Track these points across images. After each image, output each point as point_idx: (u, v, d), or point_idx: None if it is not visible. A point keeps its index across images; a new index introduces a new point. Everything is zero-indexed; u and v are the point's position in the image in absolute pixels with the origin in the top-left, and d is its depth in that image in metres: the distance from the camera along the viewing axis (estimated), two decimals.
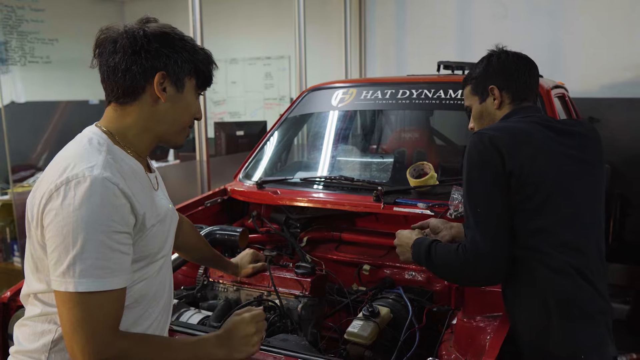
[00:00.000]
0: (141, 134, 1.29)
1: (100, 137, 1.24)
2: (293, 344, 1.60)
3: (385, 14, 5.52)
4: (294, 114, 2.91)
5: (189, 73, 1.29)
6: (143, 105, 1.26)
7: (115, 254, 1.13)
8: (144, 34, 1.23)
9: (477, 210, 1.51)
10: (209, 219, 2.47)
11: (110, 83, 1.25)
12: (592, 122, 4.25)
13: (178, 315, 1.84)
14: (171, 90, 1.27)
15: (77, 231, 1.09)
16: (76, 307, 1.09)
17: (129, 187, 1.18)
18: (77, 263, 1.09)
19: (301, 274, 1.92)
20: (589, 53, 4.51)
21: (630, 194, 4.17)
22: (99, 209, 1.11)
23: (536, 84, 1.76)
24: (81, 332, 1.09)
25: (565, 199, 1.53)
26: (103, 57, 1.24)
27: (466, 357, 1.60)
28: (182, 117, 1.32)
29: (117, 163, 1.20)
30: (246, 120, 6.61)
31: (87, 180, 1.11)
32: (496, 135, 1.54)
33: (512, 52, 1.77)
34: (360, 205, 2.25)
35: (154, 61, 1.23)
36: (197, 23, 3.41)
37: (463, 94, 1.86)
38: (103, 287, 1.10)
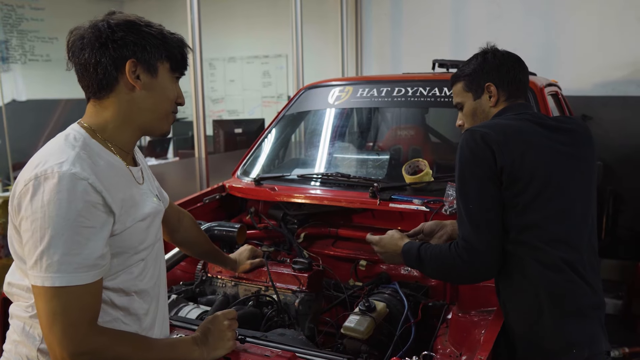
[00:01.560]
0: (121, 126, 1.26)
1: (77, 133, 1.23)
2: (290, 338, 1.59)
3: (381, 13, 5.51)
4: (291, 111, 2.90)
5: (160, 57, 1.26)
6: (120, 97, 1.24)
7: (84, 248, 1.11)
8: (108, 25, 1.21)
9: (470, 206, 1.50)
10: (208, 215, 2.46)
11: (85, 80, 1.23)
12: (585, 119, 4.26)
13: (177, 310, 1.83)
14: (145, 77, 1.24)
15: (44, 227, 1.09)
16: (50, 301, 1.09)
17: (102, 182, 1.16)
18: (44, 258, 1.09)
19: (298, 269, 1.91)
20: (581, 52, 4.51)
21: (623, 190, 4.18)
22: (66, 204, 1.09)
23: (528, 82, 1.76)
24: (57, 326, 1.09)
25: (556, 195, 1.53)
26: (75, 57, 1.23)
27: (461, 351, 1.60)
28: (161, 104, 1.29)
29: (90, 158, 1.18)
30: (244, 118, 6.60)
31: (55, 176, 1.10)
32: (487, 133, 1.53)
33: (504, 51, 1.75)
34: (356, 201, 2.24)
35: (122, 50, 1.21)
36: (196, 22, 3.40)
37: (453, 91, 1.81)
38: (70, 282, 1.09)
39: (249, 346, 1.44)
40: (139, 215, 1.26)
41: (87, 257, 1.11)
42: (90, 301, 1.13)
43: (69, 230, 1.09)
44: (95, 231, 1.13)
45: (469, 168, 1.52)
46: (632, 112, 4.29)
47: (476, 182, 1.51)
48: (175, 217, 1.70)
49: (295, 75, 4.71)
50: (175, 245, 1.81)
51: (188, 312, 1.82)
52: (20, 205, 1.13)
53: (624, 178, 4.19)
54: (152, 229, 1.33)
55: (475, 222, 1.49)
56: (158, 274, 1.37)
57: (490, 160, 1.49)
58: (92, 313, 1.14)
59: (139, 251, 1.28)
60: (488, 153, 1.50)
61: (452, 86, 1.80)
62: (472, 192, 1.51)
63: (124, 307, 1.24)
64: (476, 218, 1.49)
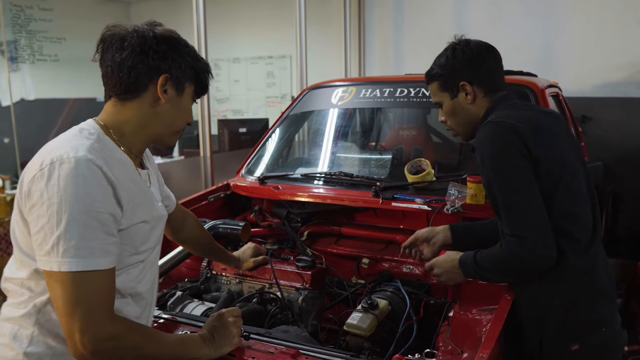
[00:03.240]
0: (137, 131, 1.28)
1: (92, 128, 1.23)
2: (294, 335, 1.59)
3: (383, 15, 5.50)
4: (295, 111, 2.90)
5: (190, 79, 1.30)
6: (143, 104, 1.26)
7: (99, 234, 1.11)
8: (154, 35, 1.24)
9: (514, 199, 1.46)
10: (212, 213, 2.46)
11: (114, 78, 1.23)
12: (585, 120, 4.24)
13: (182, 307, 1.83)
14: (172, 93, 1.27)
15: (61, 211, 1.08)
16: (69, 287, 1.08)
17: (114, 173, 1.16)
18: (60, 243, 1.08)
19: (302, 267, 1.91)
20: (581, 53, 4.49)
21: (622, 190, 4.17)
22: (82, 190, 1.09)
23: (502, 70, 1.71)
24: (79, 312, 1.08)
25: (574, 179, 1.54)
26: (109, 53, 1.23)
27: (462, 349, 1.59)
28: (177, 120, 1.32)
29: (103, 151, 1.18)
30: (249, 117, 6.60)
31: (72, 161, 1.10)
32: (515, 124, 1.50)
33: (474, 42, 1.69)
34: (359, 200, 2.23)
35: (160, 62, 1.24)
36: (201, 23, 3.39)
37: (430, 90, 1.76)
38: (87, 266, 1.09)
39: (253, 343, 1.43)
40: (144, 215, 1.26)
41: (102, 243, 1.12)
42: (107, 287, 1.13)
43: (85, 215, 1.09)
44: (108, 218, 1.13)
45: (507, 159, 1.48)
46: (632, 113, 4.27)
47: (518, 172, 1.47)
48: (179, 217, 1.71)
49: (299, 75, 4.70)
50: (179, 243, 1.82)
51: (193, 309, 1.82)
52: (31, 191, 1.11)
53: (624, 178, 4.18)
54: (154, 232, 1.33)
55: (523, 213, 1.45)
56: (154, 279, 1.37)
57: (525, 151, 1.47)
58: (110, 300, 1.14)
59: (140, 252, 1.28)
60: (522, 144, 1.47)
61: (428, 85, 1.76)
62: (516, 183, 1.47)
63: (116, 309, 1.21)
64: (524, 209, 1.45)
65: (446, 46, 1.72)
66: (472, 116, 1.68)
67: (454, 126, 1.74)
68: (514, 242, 1.47)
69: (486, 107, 1.66)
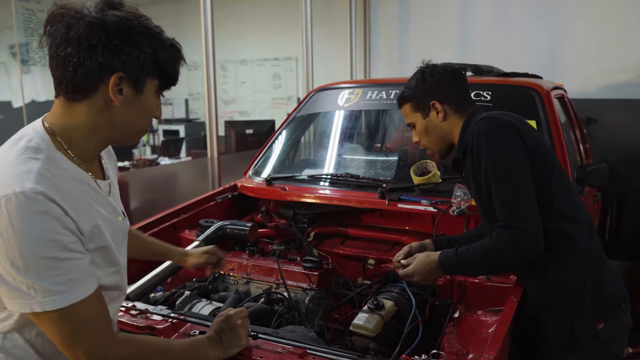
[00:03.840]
0: (88, 137, 1.10)
1: (41, 140, 1.06)
2: (301, 335, 1.59)
3: (389, 17, 5.50)
4: (302, 113, 2.90)
5: (151, 73, 1.09)
6: (93, 106, 1.07)
7: (73, 263, 1.00)
8: (104, 24, 1.02)
9: (512, 190, 1.51)
10: (220, 214, 2.47)
11: (59, 74, 1.04)
12: (590, 122, 4.22)
13: (190, 306, 1.83)
14: (128, 92, 1.07)
15: (24, 254, 0.95)
16: (62, 323, 1.00)
17: (68, 202, 1.01)
18: (35, 286, 0.97)
19: (309, 267, 1.91)
20: (586, 55, 4.47)
21: (626, 191, 4.15)
22: (40, 226, 0.96)
23: (468, 89, 1.79)
24: (80, 344, 1.02)
25: (561, 168, 1.67)
26: (53, 41, 1.03)
27: (468, 350, 1.59)
28: (137, 121, 1.13)
29: (53, 175, 1.02)
30: (255, 119, 6.61)
31: (20, 198, 0.95)
32: (508, 119, 1.59)
33: (441, 65, 1.79)
34: (365, 201, 2.23)
35: (112, 59, 1.03)
36: (209, 26, 3.40)
37: (402, 112, 1.83)
38: (72, 300, 1.00)
39: (261, 342, 1.44)
40: (105, 240, 1.12)
41: (78, 270, 1.02)
42: (100, 310, 1.06)
43: (52, 251, 0.97)
44: (75, 242, 1.02)
45: (505, 152, 1.54)
46: (637, 114, 4.25)
47: (515, 165, 1.53)
48: None
49: (305, 77, 4.70)
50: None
51: (201, 309, 1.82)
52: None
53: (628, 180, 4.16)
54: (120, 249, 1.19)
55: (518, 205, 1.51)
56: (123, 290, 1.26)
57: (521, 143, 1.55)
58: (107, 321, 1.08)
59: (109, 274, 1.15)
60: (517, 137, 1.55)
61: (400, 108, 1.84)
62: (512, 175, 1.52)
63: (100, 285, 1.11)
64: (519, 201, 1.51)
65: (415, 71, 1.81)
66: (444, 133, 1.75)
67: (427, 145, 1.80)
68: (507, 232, 1.52)
69: (462, 122, 1.72)
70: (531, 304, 1.66)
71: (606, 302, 1.62)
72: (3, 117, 5.75)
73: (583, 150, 3.17)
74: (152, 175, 4.31)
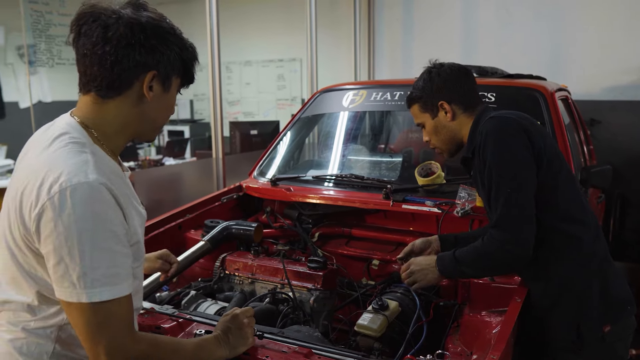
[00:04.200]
0: (120, 131, 1.16)
1: (80, 135, 1.10)
2: (306, 335, 1.59)
3: (393, 18, 5.49)
4: (307, 114, 2.90)
5: (177, 72, 1.17)
6: (126, 102, 1.12)
7: (122, 258, 1.06)
8: (141, 25, 1.08)
9: (512, 191, 1.51)
10: (225, 214, 2.47)
11: (93, 71, 1.08)
12: (593, 123, 4.21)
13: (196, 306, 1.84)
14: (158, 89, 1.14)
15: (82, 242, 1.00)
16: (94, 315, 1.03)
17: (119, 193, 1.07)
18: (87, 274, 1.01)
19: (313, 267, 1.91)
20: (590, 56, 4.46)
21: (630, 193, 4.13)
22: (101, 216, 1.02)
23: (476, 87, 1.79)
24: (104, 338, 1.04)
25: (569, 170, 1.66)
26: (87, 39, 1.07)
27: (472, 350, 1.59)
28: (162, 116, 1.21)
29: (102, 167, 1.07)
30: (259, 120, 6.62)
31: (84, 187, 1.00)
32: (517, 118, 1.59)
33: (448, 64, 1.78)
34: (370, 202, 2.23)
35: (148, 57, 1.09)
36: (215, 27, 3.41)
37: (411, 112, 1.84)
38: (115, 294, 1.04)
39: (266, 342, 1.44)
40: (137, 230, 1.17)
41: (125, 267, 1.07)
42: (129, 309, 1.09)
43: (109, 242, 1.03)
44: (125, 240, 1.08)
45: (512, 152, 1.55)
46: None
47: (520, 166, 1.54)
48: None
49: (309, 78, 4.70)
50: None
51: (207, 308, 1.83)
52: (42, 221, 1.01)
53: (632, 181, 4.14)
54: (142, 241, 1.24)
55: (515, 207, 1.51)
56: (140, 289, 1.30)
57: (528, 144, 1.55)
58: (131, 320, 1.10)
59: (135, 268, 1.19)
60: (525, 138, 1.55)
61: (409, 108, 1.84)
62: (516, 177, 1.52)
63: None
64: (516, 203, 1.51)
65: (423, 71, 1.81)
66: (453, 132, 1.75)
67: (437, 144, 1.80)
68: (497, 234, 1.53)
69: (471, 121, 1.72)
70: (536, 304, 1.66)
71: (613, 305, 1.61)
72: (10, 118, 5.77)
73: (587, 151, 3.17)
74: (158, 176, 4.32)
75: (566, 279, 1.59)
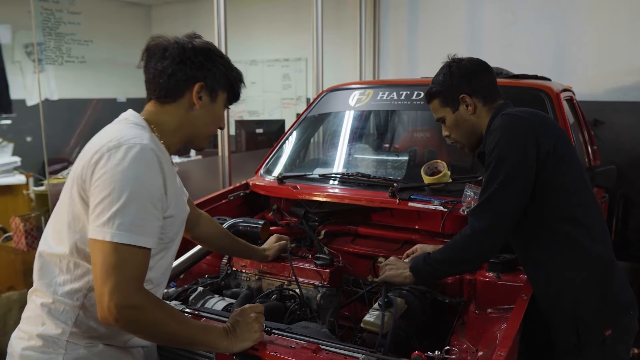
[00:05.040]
0: (174, 132, 1.38)
1: (142, 122, 1.34)
2: (314, 331, 1.59)
3: (398, 19, 5.48)
4: (313, 113, 2.90)
5: (223, 87, 1.40)
6: (180, 108, 1.36)
7: (150, 216, 1.20)
8: (192, 46, 1.34)
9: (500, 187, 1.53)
10: (232, 212, 2.47)
11: (155, 84, 1.35)
12: (597, 124, 4.20)
13: (203, 302, 1.84)
14: (206, 99, 1.37)
15: (123, 189, 1.16)
16: (111, 254, 1.15)
17: (166, 165, 1.26)
18: (117, 216, 1.15)
19: (320, 265, 1.91)
20: (594, 58, 4.45)
21: (633, 193, 4.12)
22: (144, 174, 1.20)
23: (496, 81, 1.78)
24: (112, 278, 1.14)
25: (583, 169, 1.65)
26: (152, 61, 1.34)
27: (477, 347, 1.59)
28: (210, 125, 1.42)
29: (156, 144, 1.28)
30: (265, 118, 6.61)
31: (138, 147, 1.20)
32: (528, 117, 1.59)
33: (467, 59, 1.78)
34: (376, 200, 2.23)
35: (197, 71, 1.34)
36: (222, 26, 3.41)
37: (431, 107, 1.83)
38: (136, 242, 1.17)
39: (275, 338, 1.44)
40: (176, 209, 1.34)
41: (152, 224, 1.21)
42: (143, 263, 1.20)
43: (143, 197, 1.19)
44: (159, 204, 1.23)
45: (513, 151, 1.54)
46: None
47: (519, 166, 1.53)
48: (194, 214, 1.73)
49: (315, 78, 4.70)
50: (196, 241, 1.85)
51: (214, 304, 1.83)
52: (97, 168, 1.19)
53: (635, 182, 4.13)
54: (181, 225, 1.42)
55: (497, 202, 1.53)
56: (166, 268, 1.41)
57: (534, 145, 1.54)
58: (142, 275, 1.20)
59: (168, 246, 1.35)
60: (533, 137, 1.54)
61: (429, 104, 1.83)
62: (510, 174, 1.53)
63: None
64: (500, 199, 1.53)
65: (442, 65, 1.80)
66: (474, 126, 1.74)
67: (458, 138, 1.80)
68: (471, 221, 1.57)
69: (490, 115, 1.71)
70: (540, 305, 1.65)
71: (615, 309, 1.60)
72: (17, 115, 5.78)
73: (591, 151, 3.16)
74: None
75: (565, 281, 1.58)
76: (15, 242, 3.55)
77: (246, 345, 1.36)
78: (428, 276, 1.74)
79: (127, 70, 6.56)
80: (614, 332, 1.58)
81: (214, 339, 1.31)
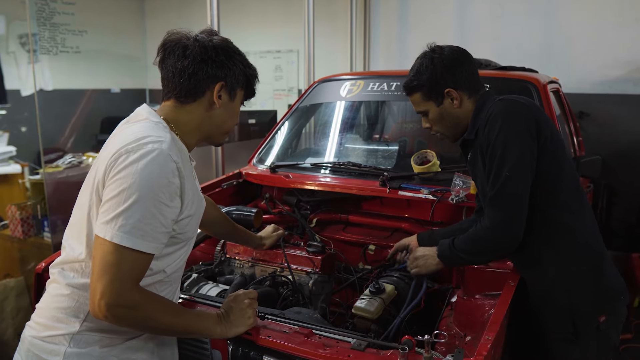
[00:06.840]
0: (193, 131, 1.35)
1: (162, 121, 1.30)
2: (306, 316, 1.60)
3: (388, 12, 5.46)
4: (305, 103, 2.89)
5: (241, 85, 1.37)
6: (199, 107, 1.33)
7: (155, 221, 1.17)
8: (213, 45, 1.31)
9: (512, 175, 1.48)
10: (225, 200, 2.46)
11: (174, 82, 1.31)
12: (583, 116, 4.22)
13: (198, 289, 1.84)
14: (225, 98, 1.35)
15: (132, 191, 1.14)
16: (109, 253, 1.14)
17: (185, 169, 1.23)
18: (121, 217, 1.14)
19: (312, 252, 1.91)
20: (580, 51, 4.46)
21: (616, 183, 4.16)
22: (156, 178, 1.16)
23: (477, 70, 1.70)
24: (107, 276, 1.13)
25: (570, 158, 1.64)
26: (170, 59, 1.30)
27: (465, 332, 1.60)
28: (228, 122, 1.40)
29: (176, 145, 1.26)
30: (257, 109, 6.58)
31: (156, 152, 1.17)
32: (526, 103, 1.56)
33: (447, 48, 1.66)
34: (367, 189, 2.23)
35: (218, 71, 1.31)
36: (215, 18, 3.38)
37: (411, 100, 1.70)
38: (134, 245, 1.15)
39: (268, 323, 1.45)
40: (194, 209, 1.32)
41: (155, 230, 1.18)
42: (140, 266, 1.18)
43: (150, 201, 1.16)
44: (168, 210, 1.19)
45: (519, 136, 1.49)
46: (628, 109, 4.24)
47: (524, 152, 1.48)
48: None
49: (306, 69, 4.67)
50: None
51: (208, 291, 1.83)
52: (112, 167, 1.18)
53: (618, 172, 4.16)
54: (197, 222, 1.40)
55: (511, 191, 1.48)
56: (182, 264, 1.40)
57: (535, 129, 1.50)
58: (138, 275, 1.19)
59: (187, 245, 1.34)
60: (533, 122, 1.50)
61: (409, 96, 1.71)
62: (518, 162, 1.48)
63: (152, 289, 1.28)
64: (514, 188, 1.48)
65: (420, 55, 1.68)
66: (459, 119, 1.66)
67: (441, 130, 1.71)
68: (491, 212, 1.51)
69: (473, 106, 1.64)
70: (531, 294, 1.65)
71: (607, 296, 1.60)
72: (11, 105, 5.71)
73: (576, 142, 3.17)
74: None
75: (560, 269, 1.58)
76: (12, 230, 3.52)
77: (240, 331, 1.36)
78: (454, 264, 1.74)
79: (121, 61, 6.50)
80: (607, 318, 1.58)
81: (208, 326, 1.31)
